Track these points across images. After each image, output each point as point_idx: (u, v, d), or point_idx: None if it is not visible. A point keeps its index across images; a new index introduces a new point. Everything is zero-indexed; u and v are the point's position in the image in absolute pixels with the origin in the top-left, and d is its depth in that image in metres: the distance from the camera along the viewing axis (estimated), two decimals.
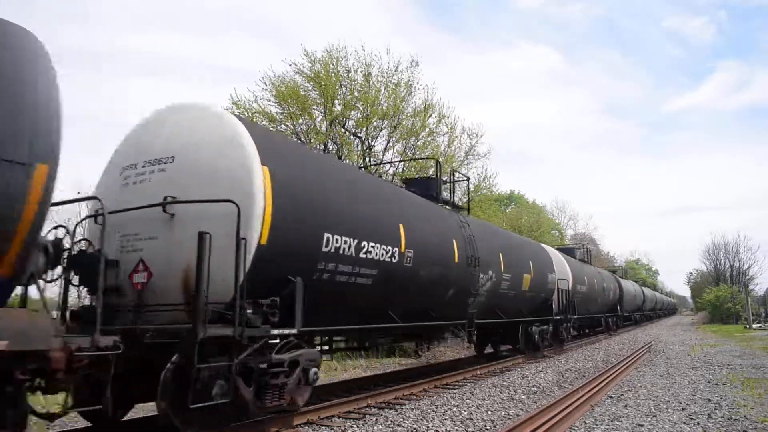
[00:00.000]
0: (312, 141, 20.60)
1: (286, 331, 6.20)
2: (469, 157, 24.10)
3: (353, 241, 7.29)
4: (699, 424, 6.99)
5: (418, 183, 12.35)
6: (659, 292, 74.49)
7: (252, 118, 20.28)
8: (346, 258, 7.19)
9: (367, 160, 21.50)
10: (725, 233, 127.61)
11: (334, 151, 20.91)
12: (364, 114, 21.10)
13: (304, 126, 21.02)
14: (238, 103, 20.58)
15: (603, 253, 71.49)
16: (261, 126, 6.48)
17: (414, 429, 6.79)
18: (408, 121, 21.97)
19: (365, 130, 21.51)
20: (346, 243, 7.13)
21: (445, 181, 13.86)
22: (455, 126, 23.61)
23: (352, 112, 21.20)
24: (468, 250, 10.87)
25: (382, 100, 21.43)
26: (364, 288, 7.69)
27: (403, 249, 8.45)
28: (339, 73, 21.10)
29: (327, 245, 6.80)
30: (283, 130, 20.74)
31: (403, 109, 21.84)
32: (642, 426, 6.89)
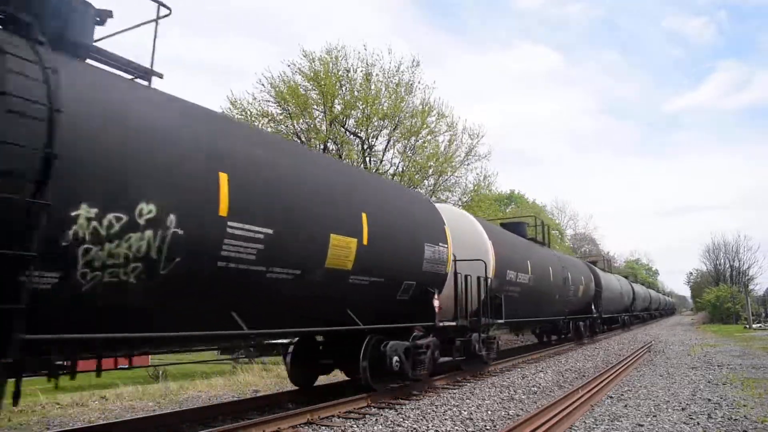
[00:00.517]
0: (312, 141, 20.60)
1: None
2: (469, 157, 24.15)
3: None
4: (699, 424, 6.99)
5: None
6: (654, 290, 68.87)
7: (251, 118, 20.28)
8: None
9: (368, 160, 21.51)
10: (725, 233, 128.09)
11: (334, 150, 20.91)
12: (365, 114, 21.10)
13: (304, 126, 21.03)
14: (235, 104, 20.59)
15: (603, 253, 71.46)
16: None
17: (414, 429, 6.78)
18: (408, 121, 21.99)
19: (366, 129, 21.52)
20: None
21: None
22: (456, 126, 23.67)
23: (353, 111, 21.21)
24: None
25: (383, 100, 21.45)
26: None
27: None
28: (339, 72, 21.11)
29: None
30: (283, 130, 20.74)
31: (404, 109, 21.87)
32: (642, 426, 6.88)
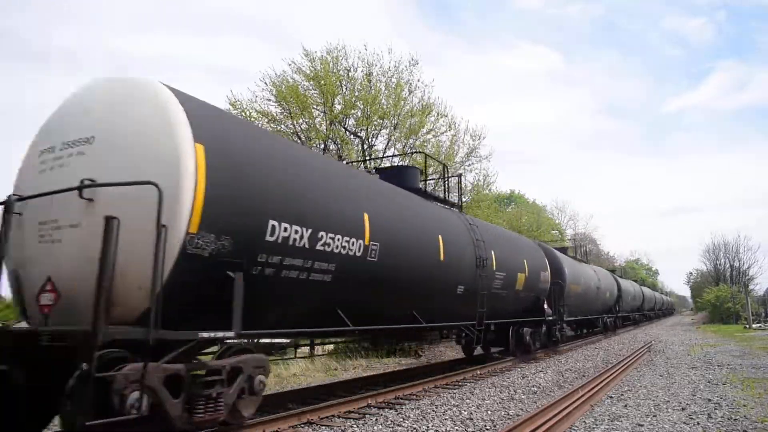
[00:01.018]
0: (312, 140, 20.61)
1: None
2: (470, 157, 24.16)
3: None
4: (699, 424, 6.99)
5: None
6: (649, 287, 64.47)
7: (251, 118, 20.28)
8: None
9: (368, 160, 21.51)
10: (725, 233, 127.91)
11: (335, 150, 20.92)
12: (365, 113, 21.11)
13: (305, 125, 21.04)
14: (234, 104, 20.58)
15: (603, 253, 71.51)
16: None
17: (414, 429, 6.79)
18: (408, 120, 21.99)
19: (366, 129, 21.52)
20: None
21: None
22: (458, 126, 23.67)
23: (353, 111, 21.21)
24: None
25: (383, 99, 21.45)
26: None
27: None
28: (339, 72, 21.11)
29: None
30: (284, 130, 20.75)
31: (403, 108, 21.87)
32: (642, 426, 6.88)
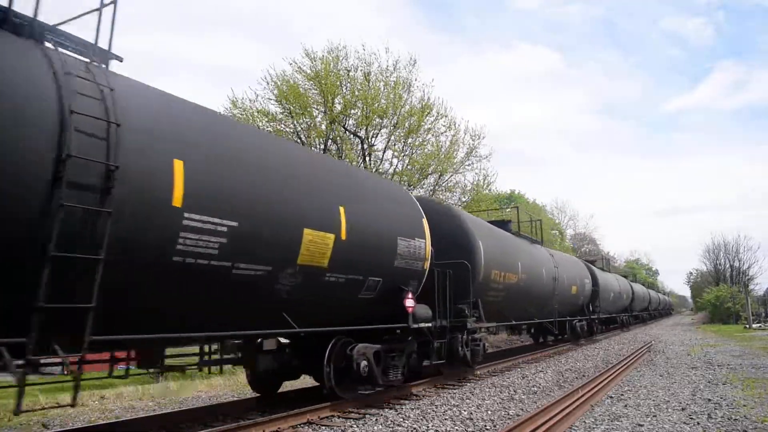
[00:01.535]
0: (312, 140, 20.61)
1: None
2: (470, 157, 24.15)
3: None
4: (699, 424, 6.99)
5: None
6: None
7: (252, 117, 20.28)
8: None
9: (368, 159, 21.50)
10: (725, 233, 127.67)
11: (335, 150, 20.91)
12: (364, 113, 21.11)
13: (305, 125, 21.04)
14: (236, 103, 20.59)
15: (603, 253, 71.43)
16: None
17: (414, 429, 6.78)
18: (407, 120, 22.00)
19: (365, 129, 21.52)
20: None
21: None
22: (458, 126, 23.67)
23: (352, 111, 21.21)
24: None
25: (382, 99, 21.45)
26: None
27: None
28: (339, 72, 21.11)
29: None
30: (284, 129, 20.76)
31: (402, 107, 21.87)
32: (642, 426, 6.88)
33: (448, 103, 28.38)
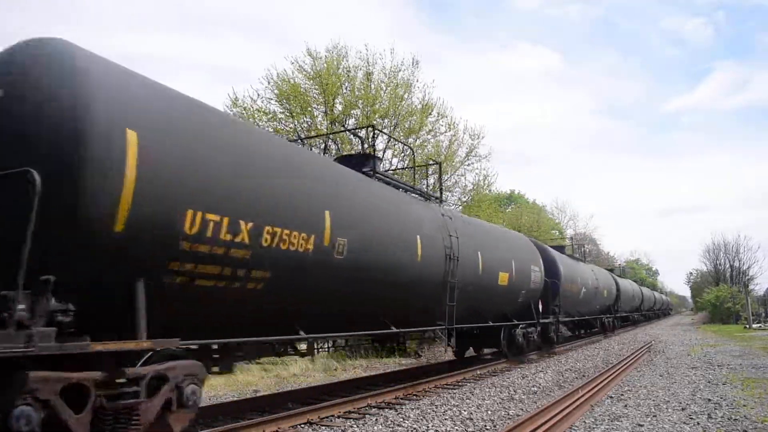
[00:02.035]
0: (312, 140, 20.61)
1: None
2: (470, 157, 24.13)
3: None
4: (699, 424, 6.99)
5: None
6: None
7: (253, 117, 20.29)
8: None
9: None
10: (725, 233, 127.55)
11: (335, 150, 20.91)
12: (365, 113, 21.10)
13: (305, 125, 21.05)
14: (236, 102, 20.58)
15: (603, 253, 71.45)
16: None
17: (414, 429, 6.79)
18: (407, 120, 21.98)
19: (366, 129, 21.50)
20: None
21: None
22: (457, 126, 23.65)
23: (353, 111, 21.21)
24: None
25: (384, 100, 21.44)
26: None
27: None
28: (339, 72, 21.11)
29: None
30: (284, 129, 20.76)
31: (403, 107, 21.87)
32: (642, 426, 6.89)
33: (447, 103, 28.42)
